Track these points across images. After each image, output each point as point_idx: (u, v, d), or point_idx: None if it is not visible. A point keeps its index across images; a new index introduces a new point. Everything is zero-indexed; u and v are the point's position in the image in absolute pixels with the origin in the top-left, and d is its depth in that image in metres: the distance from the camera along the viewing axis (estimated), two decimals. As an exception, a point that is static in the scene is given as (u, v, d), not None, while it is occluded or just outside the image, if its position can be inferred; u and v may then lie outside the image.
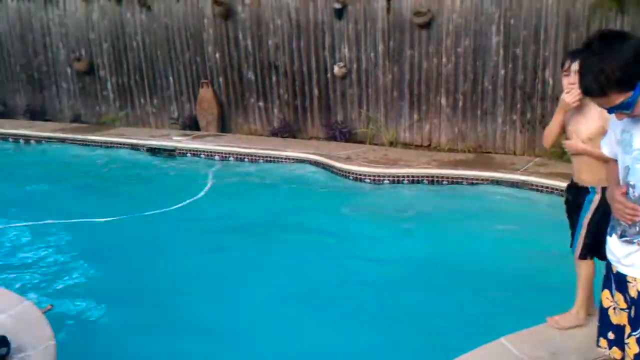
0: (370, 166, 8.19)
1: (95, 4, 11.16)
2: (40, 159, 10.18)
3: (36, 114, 12.13)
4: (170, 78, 10.96)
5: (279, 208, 7.56)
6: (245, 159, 9.30)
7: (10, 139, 11.11)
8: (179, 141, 9.99)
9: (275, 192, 8.18)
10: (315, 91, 9.95)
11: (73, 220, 7.05)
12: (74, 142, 10.59)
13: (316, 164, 8.75)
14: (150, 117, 11.31)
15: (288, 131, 10.16)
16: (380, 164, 8.31)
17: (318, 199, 7.88)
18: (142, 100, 11.33)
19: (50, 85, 12.04)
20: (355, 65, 9.53)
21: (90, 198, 8.14)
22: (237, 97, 10.57)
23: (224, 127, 10.70)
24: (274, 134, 10.26)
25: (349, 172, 8.20)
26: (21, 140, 11.01)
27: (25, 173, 9.33)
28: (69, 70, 11.78)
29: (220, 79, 10.57)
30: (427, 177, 7.92)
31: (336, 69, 9.57)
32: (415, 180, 7.94)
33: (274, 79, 10.19)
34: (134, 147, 10.10)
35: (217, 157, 9.47)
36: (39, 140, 10.87)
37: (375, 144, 9.48)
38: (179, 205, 7.59)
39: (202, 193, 8.10)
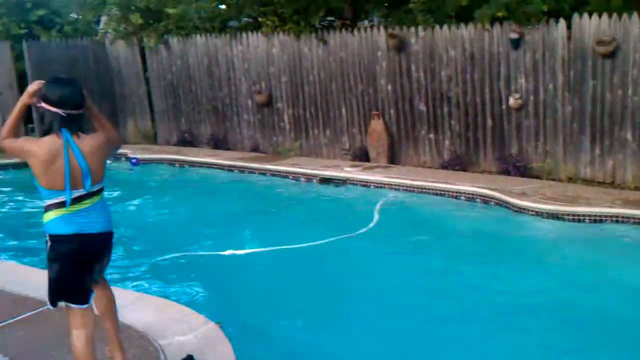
0: (547, 203, 7.83)
1: (276, 39, 11.75)
2: (223, 186, 10.81)
3: (218, 143, 12.93)
4: (343, 110, 11.24)
5: (449, 242, 7.43)
6: (415, 191, 9.26)
7: (196, 165, 11.91)
8: (349, 172, 10.18)
9: (444, 226, 8.06)
10: (489, 123, 9.74)
11: (265, 249, 7.37)
12: (252, 170, 11.15)
13: (488, 198, 8.51)
14: (323, 147, 11.64)
15: (459, 164, 10.01)
16: (559, 201, 7.92)
17: (488, 234, 7.66)
18: (315, 131, 11.71)
19: (232, 116, 12.80)
20: (532, 97, 9.22)
21: (267, 225, 8.49)
22: (407, 129, 10.60)
23: (393, 158, 10.76)
24: (444, 166, 10.15)
25: (523, 209, 7.90)
26: (204, 167, 11.76)
27: (206, 199, 9.95)
28: (249, 103, 12.46)
29: (392, 111, 10.67)
30: (611, 216, 7.42)
31: (511, 100, 9.31)
32: (597, 220, 7.47)
33: (445, 110, 10.11)
34: (308, 177, 10.43)
35: (386, 189, 9.52)
36: (221, 167, 11.56)
37: (552, 180, 9.06)
38: (350, 235, 7.71)
39: (371, 224, 8.16)
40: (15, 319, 4.78)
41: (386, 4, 11.52)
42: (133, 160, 12.35)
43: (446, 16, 9.99)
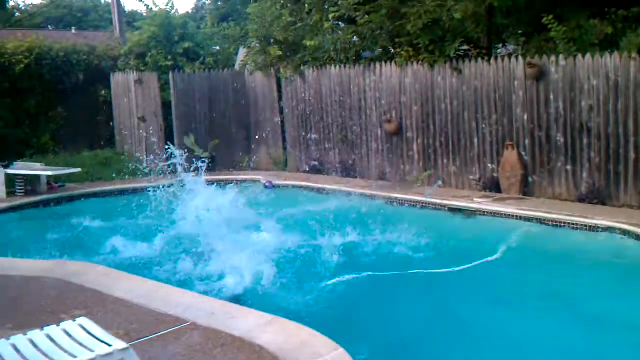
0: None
1: (410, 69, 11.80)
2: (345, 211, 10.92)
3: (347, 171, 13.09)
4: (475, 140, 11.05)
5: (579, 280, 7.07)
6: (549, 224, 8.91)
7: (324, 193, 12.10)
8: (480, 203, 9.96)
9: (578, 263, 7.68)
10: (632, 155, 9.22)
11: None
12: (379, 198, 11.17)
13: (627, 234, 8.03)
14: (452, 177, 11.48)
15: (597, 197, 9.53)
16: None
17: (627, 274, 7.21)
18: (445, 161, 11.58)
19: (361, 145, 12.94)
20: (682, 129, 8.65)
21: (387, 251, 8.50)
22: (543, 160, 10.24)
23: (527, 190, 10.42)
24: (581, 199, 9.70)
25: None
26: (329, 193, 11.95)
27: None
28: (379, 131, 12.55)
29: (527, 141, 10.36)
30: None
31: (658, 132, 8.78)
32: None
33: (585, 141, 9.69)
34: (436, 207, 10.31)
35: (518, 221, 9.22)
36: (349, 193, 11.68)
37: None
38: (469, 265, 7.61)
39: (495, 256, 8.00)
40: (155, 335, 5.04)
41: (522, 32, 11.28)
42: (266, 184, 12.91)
43: (589, 45, 9.62)
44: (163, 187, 9.97)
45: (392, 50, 12.46)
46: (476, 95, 10.94)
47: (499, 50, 12.06)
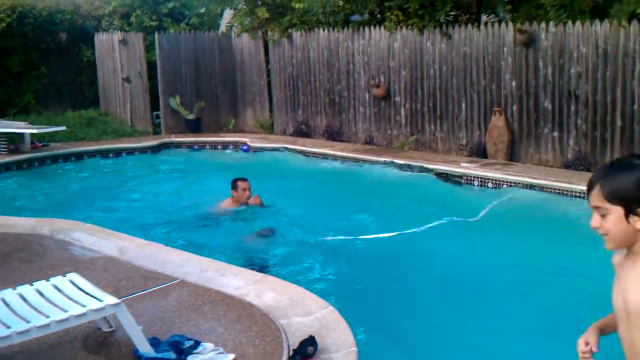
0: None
1: (399, 34, 11.72)
2: (333, 176, 10.93)
3: (333, 135, 13.06)
4: (463, 105, 11.05)
5: (562, 245, 7.13)
6: (535, 189, 8.97)
7: (310, 155, 12.07)
8: (467, 168, 10.00)
9: (562, 228, 7.76)
10: (619, 123, 9.28)
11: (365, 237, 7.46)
12: (365, 162, 11.18)
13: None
14: (439, 142, 11.50)
15: (582, 164, 9.60)
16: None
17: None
18: (432, 126, 11.58)
19: (349, 109, 12.88)
20: (668, 97, 8.70)
21: (376, 215, 8.54)
22: (530, 126, 10.27)
23: (513, 155, 10.47)
24: (567, 166, 9.77)
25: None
26: (320, 157, 11.92)
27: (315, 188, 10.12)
28: (367, 96, 12.50)
29: (514, 107, 10.38)
30: None
31: (646, 100, 8.83)
32: None
33: (572, 108, 9.73)
34: (421, 171, 10.33)
35: (504, 186, 9.29)
36: (335, 158, 11.67)
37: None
38: (441, 222, 7.76)
39: (475, 218, 8.12)
40: (144, 292, 5.05)
41: (513, -1, 11.22)
42: (243, 147, 12.89)
43: (579, 12, 9.59)
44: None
45: (381, 15, 12.33)
46: (465, 61, 10.90)
47: (489, 16, 11.97)
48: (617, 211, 2.09)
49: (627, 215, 2.08)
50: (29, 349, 4.02)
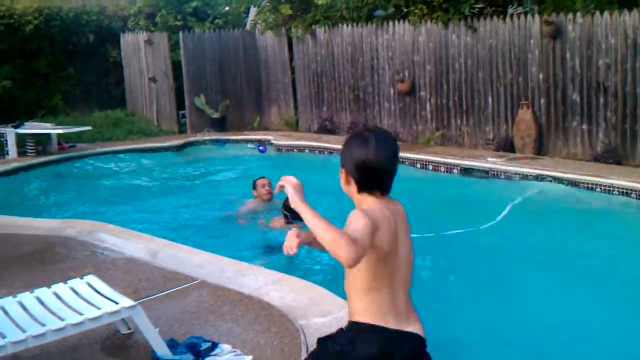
0: None
1: (423, 27, 11.57)
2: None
3: (359, 131, 12.94)
4: (489, 99, 10.87)
5: (591, 239, 6.99)
6: (563, 183, 8.79)
7: (335, 152, 11.97)
8: (494, 162, 9.83)
9: (591, 222, 7.60)
10: (650, 115, 9.05)
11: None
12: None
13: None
14: (465, 137, 11.34)
15: (612, 157, 9.38)
16: None
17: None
18: (458, 121, 11.42)
19: (373, 105, 12.77)
20: (701, 87, 8.45)
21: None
22: (557, 119, 10.07)
23: (541, 149, 10.27)
24: (596, 159, 9.56)
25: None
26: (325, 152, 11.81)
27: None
28: (391, 91, 12.37)
29: (542, 100, 10.18)
30: None
31: (677, 90, 8.58)
32: None
33: (601, 100, 9.50)
34: (448, 167, 10.20)
35: (532, 180, 9.10)
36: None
37: None
38: (484, 226, 7.57)
39: (502, 215, 7.95)
40: (164, 293, 5.03)
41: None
42: (260, 148, 12.82)
43: (607, 2, 9.37)
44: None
45: (405, 9, 12.19)
46: (491, 53, 10.72)
47: (516, 8, 11.74)
48: (343, 174, 2.63)
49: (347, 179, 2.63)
50: (47, 352, 4.02)
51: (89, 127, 12.89)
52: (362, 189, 2.59)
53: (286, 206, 7.20)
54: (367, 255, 2.40)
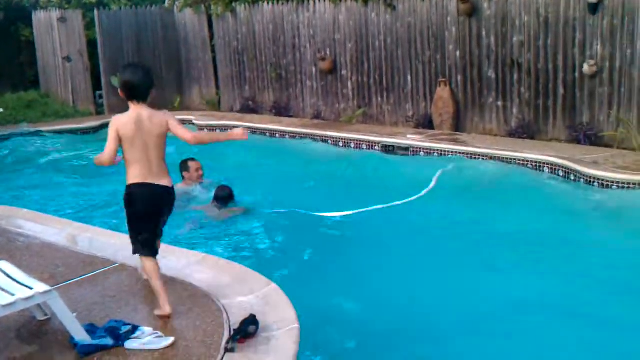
0: (620, 172, 7.52)
1: (343, 6, 11.61)
2: (285, 152, 10.83)
3: (281, 110, 12.93)
4: (409, 77, 11.04)
5: (508, 212, 7.25)
6: (479, 159, 9.05)
7: (257, 132, 11.91)
8: (412, 139, 10.02)
9: (507, 195, 7.88)
10: (561, 90, 9.40)
11: (312, 213, 7.41)
12: (314, 137, 11.10)
13: (556, 167, 8.25)
14: (386, 115, 11.50)
15: (526, 132, 9.73)
16: (632, 170, 7.60)
17: (555, 203, 7.44)
18: (379, 99, 11.56)
19: (296, 84, 12.76)
20: (607, 64, 8.83)
21: (325, 192, 8.48)
22: (474, 96, 10.34)
23: (459, 126, 10.53)
24: (511, 134, 9.89)
25: (594, 178, 7.61)
26: (267, 134, 11.77)
27: (267, 164, 10.00)
28: (314, 70, 12.39)
29: (459, 78, 10.42)
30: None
31: (586, 67, 8.94)
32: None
33: (515, 77, 9.81)
34: (370, 144, 10.32)
35: (450, 156, 9.34)
36: (283, 134, 11.56)
37: (625, 149, 8.69)
38: (403, 201, 7.74)
39: (424, 192, 8.15)
40: (82, 277, 4.91)
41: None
42: None
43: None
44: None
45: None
46: (410, 32, 10.87)
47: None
48: (120, 92, 4.35)
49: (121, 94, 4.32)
50: (-41, 341, 3.87)
51: (1, 110, 12.35)
52: (127, 99, 4.22)
53: (217, 197, 7.38)
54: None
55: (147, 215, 4.21)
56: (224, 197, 7.44)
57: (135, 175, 4.16)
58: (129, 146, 4.11)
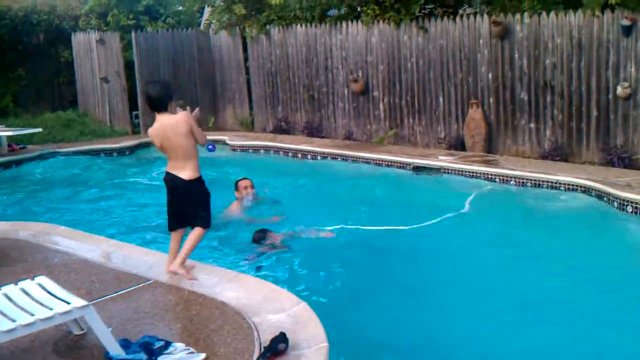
0: (655, 196, 7.44)
1: (375, 28, 11.72)
2: (315, 172, 10.91)
3: (313, 131, 13.04)
4: (441, 98, 11.08)
5: (539, 234, 7.21)
6: (512, 182, 9.03)
7: (290, 153, 12.04)
8: (444, 161, 10.03)
9: (539, 217, 7.83)
10: (594, 113, 9.35)
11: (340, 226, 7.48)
12: (345, 158, 11.17)
13: (589, 190, 8.19)
14: (418, 136, 11.53)
15: (559, 154, 9.68)
16: (667, 194, 7.52)
17: (588, 227, 7.38)
18: (411, 120, 11.60)
19: (328, 104, 12.88)
20: (642, 86, 8.78)
21: (354, 209, 8.53)
22: (506, 118, 10.33)
23: (490, 147, 10.52)
24: (544, 156, 9.84)
25: (627, 201, 7.53)
26: (299, 155, 11.89)
27: (299, 184, 10.09)
28: (345, 91, 12.50)
29: (491, 99, 10.42)
30: None
31: (619, 89, 8.89)
32: None
33: (548, 99, 9.78)
34: (401, 165, 10.36)
35: (482, 178, 9.33)
36: (315, 155, 11.65)
37: (660, 173, 8.60)
38: (433, 221, 7.74)
39: (455, 212, 8.14)
40: (117, 293, 5.02)
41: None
42: (209, 147, 12.75)
43: (553, 2, 9.65)
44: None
45: (358, 9, 12.32)
46: (442, 54, 10.93)
47: (465, 9, 11.99)
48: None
49: None
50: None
51: (40, 129, 12.68)
52: (150, 110, 5.14)
53: (254, 239, 7.17)
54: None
55: (170, 196, 5.15)
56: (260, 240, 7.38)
57: (168, 167, 5.11)
58: (163, 147, 5.05)
